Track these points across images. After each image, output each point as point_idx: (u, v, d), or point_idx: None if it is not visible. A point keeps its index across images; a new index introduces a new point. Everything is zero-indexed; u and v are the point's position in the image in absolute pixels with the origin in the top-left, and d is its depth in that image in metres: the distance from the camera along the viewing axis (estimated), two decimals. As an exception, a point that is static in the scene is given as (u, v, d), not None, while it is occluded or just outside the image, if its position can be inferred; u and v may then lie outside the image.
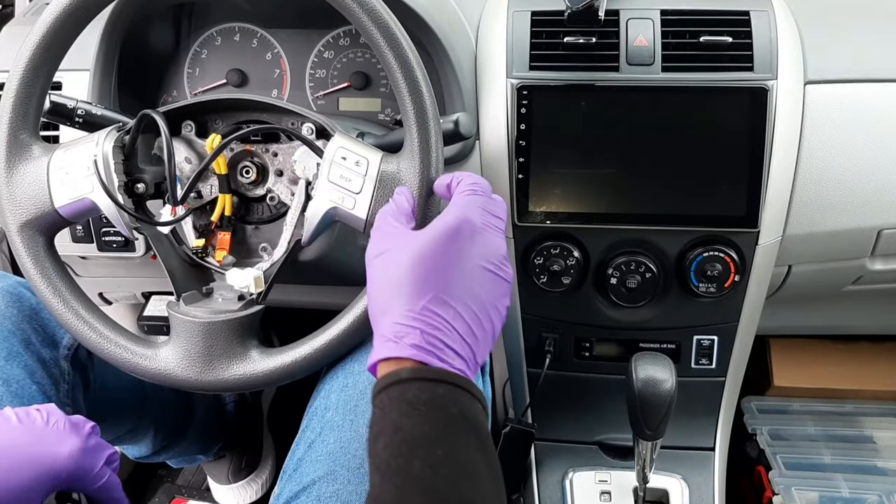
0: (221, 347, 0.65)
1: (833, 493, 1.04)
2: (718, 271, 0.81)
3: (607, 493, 0.91)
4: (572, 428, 0.97)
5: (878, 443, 1.15)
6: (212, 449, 1.21)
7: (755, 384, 1.26)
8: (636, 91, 0.78)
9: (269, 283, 0.68)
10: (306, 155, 0.69)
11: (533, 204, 0.81)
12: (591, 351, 0.91)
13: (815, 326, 1.13)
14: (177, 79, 0.95)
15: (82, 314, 0.67)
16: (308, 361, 0.64)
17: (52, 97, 0.70)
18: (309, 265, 0.74)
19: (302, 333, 0.67)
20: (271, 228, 0.74)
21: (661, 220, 0.81)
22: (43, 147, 0.68)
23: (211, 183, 0.72)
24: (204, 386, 0.66)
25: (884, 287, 0.94)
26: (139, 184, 0.69)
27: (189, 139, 0.72)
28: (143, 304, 1.06)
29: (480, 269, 0.50)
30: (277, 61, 0.93)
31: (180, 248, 0.73)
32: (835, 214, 0.81)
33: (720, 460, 0.96)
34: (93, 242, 0.91)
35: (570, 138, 0.80)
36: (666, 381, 0.73)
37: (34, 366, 0.74)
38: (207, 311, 0.66)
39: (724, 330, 0.88)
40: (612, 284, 0.84)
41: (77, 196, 0.66)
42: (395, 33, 0.60)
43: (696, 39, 0.77)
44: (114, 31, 0.84)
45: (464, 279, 0.49)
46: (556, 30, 0.79)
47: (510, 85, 0.79)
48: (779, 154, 0.77)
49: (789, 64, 0.77)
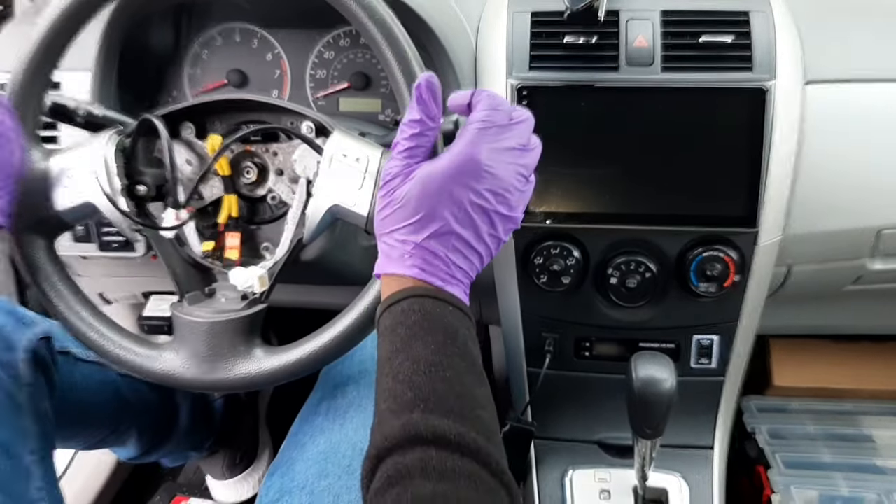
0: (226, 347, 0.65)
1: (832, 492, 1.04)
2: (718, 271, 0.81)
3: (607, 492, 0.92)
4: (572, 426, 0.97)
5: (877, 442, 1.15)
6: (203, 445, 1.21)
7: (755, 383, 1.26)
8: (636, 91, 0.78)
9: (273, 283, 0.68)
10: (306, 153, 0.69)
11: (533, 204, 0.81)
12: (590, 350, 0.92)
13: (815, 326, 1.13)
14: (177, 79, 0.95)
15: (85, 317, 0.67)
16: (313, 359, 0.65)
17: (54, 98, 0.70)
18: (310, 265, 0.74)
19: (301, 333, 0.67)
20: (273, 228, 0.74)
21: (661, 219, 0.81)
22: (43, 149, 0.68)
23: (212, 184, 0.72)
24: (209, 386, 0.66)
25: (884, 287, 0.94)
26: (140, 186, 0.70)
27: (189, 141, 0.72)
28: (143, 303, 1.06)
29: (479, 207, 0.52)
30: (278, 62, 0.93)
31: (183, 249, 0.73)
32: (834, 214, 0.82)
33: (720, 459, 0.96)
34: (93, 242, 0.91)
35: (570, 138, 0.80)
36: (666, 381, 0.73)
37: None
38: (211, 311, 0.67)
39: (724, 329, 0.88)
40: (612, 284, 0.84)
41: (79, 200, 0.66)
42: (394, 32, 0.60)
43: (696, 40, 0.77)
44: (114, 31, 0.84)
45: (462, 213, 0.52)
46: (556, 30, 0.79)
47: (510, 85, 0.79)
48: (778, 154, 0.77)
49: (789, 64, 0.77)
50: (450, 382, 0.46)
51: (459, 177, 0.51)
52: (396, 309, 0.50)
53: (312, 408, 0.80)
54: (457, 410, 0.44)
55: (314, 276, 0.84)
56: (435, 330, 0.48)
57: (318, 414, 0.77)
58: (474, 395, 0.47)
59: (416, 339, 0.48)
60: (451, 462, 0.41)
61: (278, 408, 1.40)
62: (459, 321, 0.50)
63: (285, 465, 0.72)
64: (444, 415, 0.44)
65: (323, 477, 0.67)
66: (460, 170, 0.51)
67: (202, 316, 0.65)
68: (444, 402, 0.44)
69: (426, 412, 0.43)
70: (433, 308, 0.50)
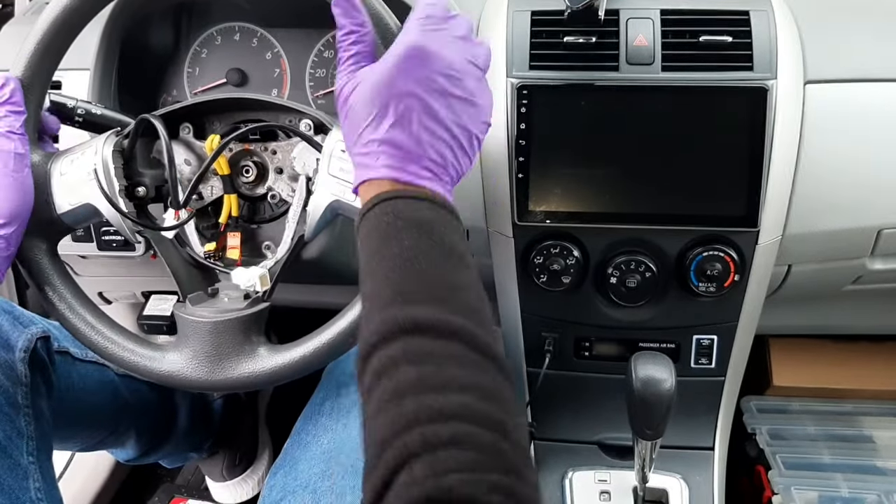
0: (230, 346, 0.65)
1: (832, 493, 1.04)
2: (718, 271, 0.81)
3: (607, 493, 0.91)
4: (572, 427, 0.97)
5: (877, 442, 1.15)
6: (202, 446, 1.21)
7: (755, 384, 1.26)
8: (636, 91, 0.78)
9: (275, 281, 0.68)
10: (305, 151, 0.69)
11: (533, 203, 0.81)
12: (590, 350, 0.91)
13: (815, 326, 1.13)
14: (177, 78, 0.95)
15: (88, 319, 0.67)
16: (317, 356, 0.64)
17: (52, 97, 0.70)
18: (311, 264, 0.74)
19: (301, 332, 0.67)
20: (273, 227, 0.74)
21: (661, 219, 0.81)
22: (43, 152, 0.68)
23: (212, 184, 0.72)
24: (213, 385, 0.66)
25: (884, 287, 0.94)
26: (140, 187, 0.69)
27: (188, 141, 0.72)
28: (142, 303, 1.06)
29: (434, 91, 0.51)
30: (277, 61, 0.93)
31: (184, 250, 0.73)
32: (834, 214, 0.81)
33: (720, 460, 0.96)
34: (92, 242, 0.91)
35: (570, 138, 0.80)
36: (665, 381, 0.73)
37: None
38: (214, 310, 0.67)
39: (724, 329, 0.88)
40: (612, 284, 0.84)
41: (78, 202, 0.66)
42: (393, 32, 0.60)
43: (696, 39, 0.77)
44: (114, 31, 0.84)
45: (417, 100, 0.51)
46: (556, 29, 0.79)
47: (510, 84, 0.79)
48: (778, 153, 0.77)
49: (789, 64, 0.77)
50: (425, 273, 0.46)
51: (406, 65, 0.51)
52: (370, 216, 0.50)
53: (316, 406, 0.79)
54: (435, 296, 0.45)
55: (316, 275, 0.84)
56: (408, 227, 0.48)
57: (321, 413, 0.77)
58: (453, 280, 0.47)
59: (390, 239, 0.47)
60: (432, 346, 0.42)
61: (278, 408, 1.40)
62: (435, 213, 0.49)
63: (289, 464, 0.72)
64: (422, 303, 0.44)
65: (326, 476, 0.67)
66: (406, 58, 0.51)
67: (205, 315, 0.65)
68: (421, 291, 0.45)
69: (405, 304, 0.44)
70: (405, 207, 0.49)
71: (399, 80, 0.51)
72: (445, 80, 0.52)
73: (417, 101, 0.51)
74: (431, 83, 0.51)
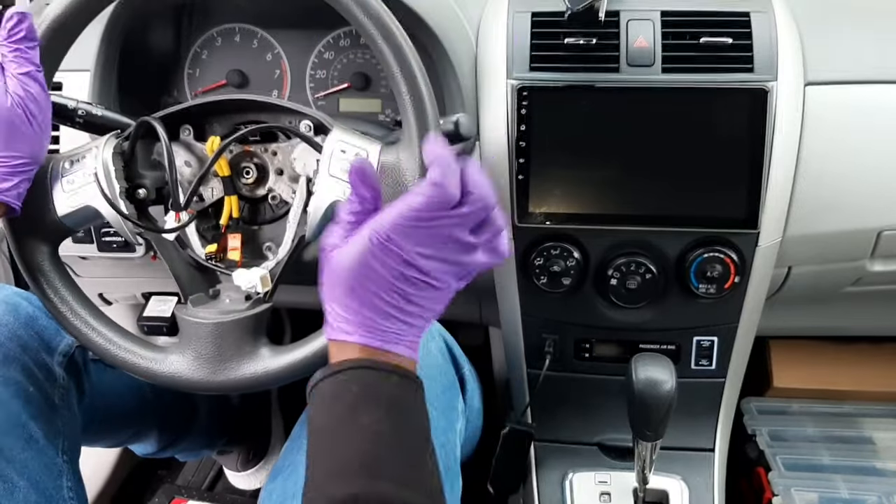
0: (232, 347, 0.65)
1: (832, 494, 1.04)
2: (718, 272, 0.81)
3: (607, 494, 0.91)
4: (572, 429, 0.97)
5: (877, 444, 1.15)
6: (217, 444, 1.23)
7: (755, 385, 1.26)
8: (636, 92, 0.78)
9: (276, 282, 0.68)
10: (305, 152, 0.69)
11: (533, 205, 0.81)
12: (590, 352, 0.91)
13: (815, 327, 1.13)
14: (177, 79, 0.95)
15: (90, 322, 0.68)
16: (320, 357, 0.64)
17: (53, 98, 0.70)
18: (311, 265, 0.74)
19: (302, 333, 0.67)
20: (274, 228, 0.74)
21: (662, 221, 0.81)
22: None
23: (212, 186, 0.72)
24: (215, 387, 0.65)
25: (883, 288, 0.94)
26: (140, 189, 0.70)
27: (188, 143, 0.72)
28: (142, 304, 1.06)
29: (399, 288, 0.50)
30: (278, 62, 0.93)
31: (185, 251, 0.73)
32: (835, 215, 0.81)
33: (720, 461, 0.96)
34: (93, 243, 0.91)
35: (571, 139, 0.80)
36: (666, 382, 0.73)
37: (31, 369, 0.75)
38: (216, 312, 0.67)
39: (724, 331, 0.88)
40: (613, 285, 0.84)
41: (79, 204, 0.66)
42: (393, 32, 0.60)
43: (697, 40, 0.77)
44: (114, 32, 0.84)
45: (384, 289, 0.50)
46: (557, 31, 0.79)
47: (510, 86, 0.79)
48: (779, 155, 0.77)
49: (789, 65, 0.77)
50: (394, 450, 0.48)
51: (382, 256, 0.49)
52: (338, 379, 0.50)
53: None
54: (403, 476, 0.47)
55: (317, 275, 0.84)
56: (378, 401, 0.49)
57: None
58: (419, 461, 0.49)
59: (359, 410, 0.49)
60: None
61: (290, 397, 1.40)
62: (402, 389, 0.51)
63: (287, 469, 0.72)
64: (390, 481, 0.46)
65: None
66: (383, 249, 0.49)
67: (207, 317, 0.65)
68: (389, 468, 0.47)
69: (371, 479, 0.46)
70: (374, 380, 0.50)
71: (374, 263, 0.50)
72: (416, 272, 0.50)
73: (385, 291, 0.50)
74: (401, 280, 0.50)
